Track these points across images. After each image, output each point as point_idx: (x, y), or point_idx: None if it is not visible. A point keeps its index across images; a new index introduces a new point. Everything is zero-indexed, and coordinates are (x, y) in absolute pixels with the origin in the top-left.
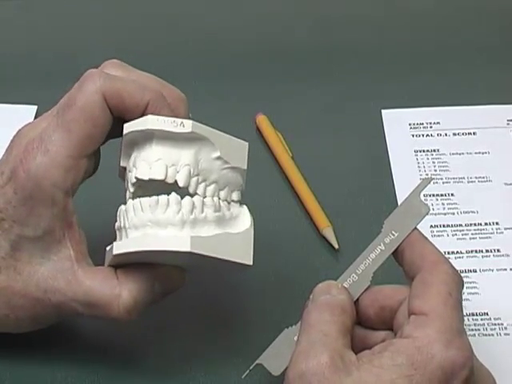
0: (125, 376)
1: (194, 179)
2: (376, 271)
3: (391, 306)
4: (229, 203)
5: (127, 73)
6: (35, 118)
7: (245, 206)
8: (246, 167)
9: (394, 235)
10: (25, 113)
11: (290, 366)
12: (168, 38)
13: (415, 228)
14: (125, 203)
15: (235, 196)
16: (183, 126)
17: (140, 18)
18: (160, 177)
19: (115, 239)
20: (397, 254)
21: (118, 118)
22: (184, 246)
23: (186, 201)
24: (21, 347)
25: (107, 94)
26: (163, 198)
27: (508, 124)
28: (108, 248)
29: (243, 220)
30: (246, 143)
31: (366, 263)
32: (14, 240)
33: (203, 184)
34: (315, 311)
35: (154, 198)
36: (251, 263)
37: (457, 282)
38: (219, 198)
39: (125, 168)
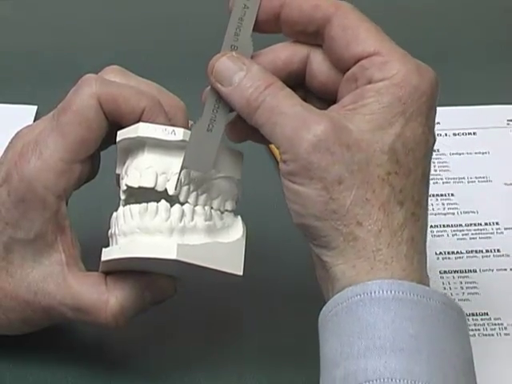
0: (125, 376)
1: (185, 188)
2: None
3: (297, 70)
4: (222, 213)
5: (126, 79)
6: (35, 117)
7: (239, 217)
8: (240, 177)
9: None
10: (25, 113)
11: (294, 144)
12: (168, 37)
13: None
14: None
15: (229, 206)
16: (174, 133)
17: (140, 18)
18: (150, 185)
19: (107, 246)
20: (267, 16)
21: (115, 124)
22: (170, 254)
23: (175, 208)
24: (21, 347)
25: (102, 99)
26: (152, 205)
27: (508, 124)
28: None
29: (236, 230)
30: (242, 153)
31: (240, 28)
32: (6, 242)
33: (195, 193)
34: (269, 96)
35: (144, 204)
36: (241, 273)
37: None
38: (212, 208)
39: (119, 175)
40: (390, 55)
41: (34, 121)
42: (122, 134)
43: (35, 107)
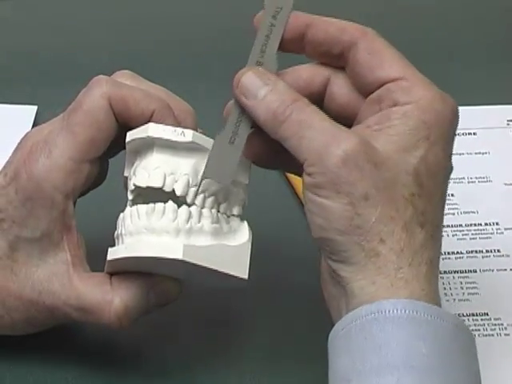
0: (125, 376)
1: (193, 189)
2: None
3: (318, 92)
4: (228, 217)
5: (136, 83)
6: (35, 118)
7: (245, 222)
8: (247, 182)
9: (280, 9)
10: (25, 113)
11: (323, 157)
12: (168, 37)
13: None
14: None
15: (236, 210)
16: (184, 135)
17: (140, 18)
18: (158, 185)
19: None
20: (293, 36)
21: (125, 126)
22: (176, 254)
23: (182, 209)
24: (21, 347)
25: (113, 100)
26: (159, 205)
27: (508, 124)
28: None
29: (242, 235)
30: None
31: (266, 46)
32: (12, 240)
33: (202, 195)
34: (294, 110)
35: (151, 205)
36: (246, 277)
37: (380, 34)
38: (218, 211)
39: (127, 178)
40: (415, 81)
41: (34, 121)
42: (131, 135)
43: (35, 107)
